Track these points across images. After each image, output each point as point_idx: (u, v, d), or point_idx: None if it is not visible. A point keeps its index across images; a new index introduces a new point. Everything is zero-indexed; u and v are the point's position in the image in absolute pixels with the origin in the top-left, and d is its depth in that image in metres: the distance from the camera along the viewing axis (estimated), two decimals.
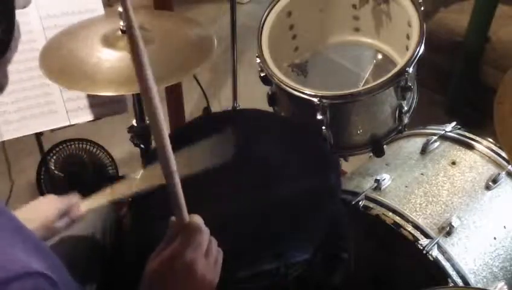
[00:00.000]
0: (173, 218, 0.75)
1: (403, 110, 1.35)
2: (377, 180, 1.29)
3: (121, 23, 1.24)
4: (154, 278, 0.73)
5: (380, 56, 1.58)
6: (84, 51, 1.22)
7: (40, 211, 0.97)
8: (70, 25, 1.35)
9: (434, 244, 1.16)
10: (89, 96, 1.43)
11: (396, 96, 1.33)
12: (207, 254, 0.74)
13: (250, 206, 1.06)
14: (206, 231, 0.75)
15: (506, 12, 2.25)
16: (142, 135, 1.50)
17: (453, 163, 1.36)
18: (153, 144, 1.49)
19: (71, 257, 1.08)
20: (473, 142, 1.40)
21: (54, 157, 1.79)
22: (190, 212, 0.75)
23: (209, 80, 2.64)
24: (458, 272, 1.15)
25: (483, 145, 1.39)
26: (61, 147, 1.79)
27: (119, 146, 1.95)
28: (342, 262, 1.08)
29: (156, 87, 0.70)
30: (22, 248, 0.60)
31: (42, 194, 1.78)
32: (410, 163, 1.39)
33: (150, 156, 1.45)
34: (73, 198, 1.01)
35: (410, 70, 1.27)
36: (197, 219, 0.75)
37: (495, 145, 1.38)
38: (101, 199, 1.03)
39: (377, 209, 1.24)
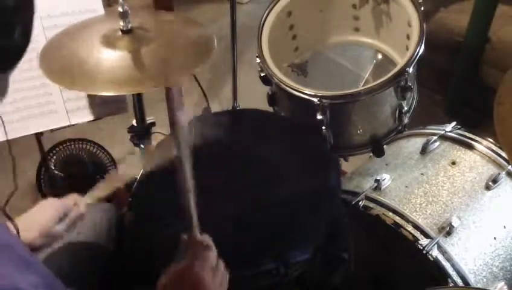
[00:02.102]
0: (184, 236, 0.82)
1: (403, 110, 1.35)
2: (377, 180, 1.29)
3: (121, 23, 1.24)
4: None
5: (380, 56, 1.58)
6: (84, 51, 1.22)
7: (37, 219, 0.96)
8: (70, 25, 1.35)
9: (434, 244, 1.16)
10: (89, 96, 1.43)
11: (396, 96, 1.33)
12: (214, 270, 0.80)
13: (250, 206, 1.06)
14: (214, 249, 0.82)
15: (506, 12, 2.25)
16: (142, 134, 1.50)
17: (453, 163, 1.36)
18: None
19: (72, 257, 1.08)
20: (473, 142, 1.40)
21: (54, 157, 1.79)
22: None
23: (209, 80, 2.64)
24: (458, 272, 1.15)
25: (483, 145, 1.39)
26: (61, 147, 1.79)
27: (119, 146, 1.95)
28: (342, 262, 1.08)
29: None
30: (10, 264, 0.60)
31: (42, 194, 1.78)
32: (410, 163, 1.39)
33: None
34: (71, 199, 1.01)
35: (410, 70, 1.27)
36: (207, 238, 0.82)
37: (495, 145, 1.38)
38: (97, 193, 1.02)
39: (377, 209, 1.24)
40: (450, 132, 1.45)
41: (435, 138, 1.42)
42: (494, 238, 1.24)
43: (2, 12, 0.59)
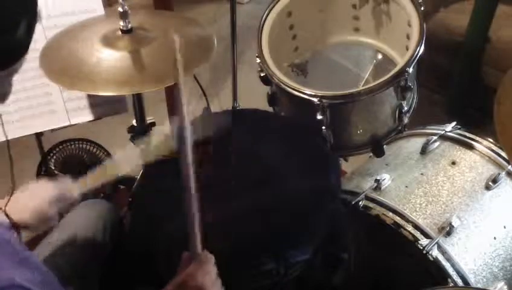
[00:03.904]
0: (185, 253, 0.84)
1: (403, 110, 1.35)
2: (377, 180, 1.29)
3: (121, 23, 1.24)
4: None
5: (380, 56, 1.58)
6: (84, 51, 1.22)
7: (31, 199, 0.96)
8: (70, 25, 1.35)
9: (434, 244, 1.16)
10: (89, 96, 1.43)
11: (396, 96, 1.33)
12: (215, 283, 0.83)
13: (250, 206, 1.06)
14: (215, 265, 0.84)
15: (506, 12, 2.25)
16: (142, 135, 1.49)
17: (453, 163, 1.36)
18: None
19: (72, 257, 1.08)
20: (473, 142, 1.40)
21: (54, 157, 1.79)
22: None
23: (209, 80, 2.64)
24: (458, 272, 1.15)
25: (483, 145, 1.39)
26: (61, 147, 1.79)
27: (119, 146, 1.94)
28: (342, 262, 1.08)
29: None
30: (7, 261, 0.61)
31: None
32: (410, 163, 1.39)
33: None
34: (65, 183, 1.00)
35: (410, 70, 1.27)
36: (208, 253, 0.85)
37: (495, 145, 1.38)
38: (90, 181, 1.02)
39: (377, 209, 1.24)
40: (450, 132, 1.45)
41: (435, 138, 1.42)
42: (494, 238, 1.24)
43: (7, 7, 0.59)
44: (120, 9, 1.22)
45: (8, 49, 0.63)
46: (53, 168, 1.78)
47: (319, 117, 1.28)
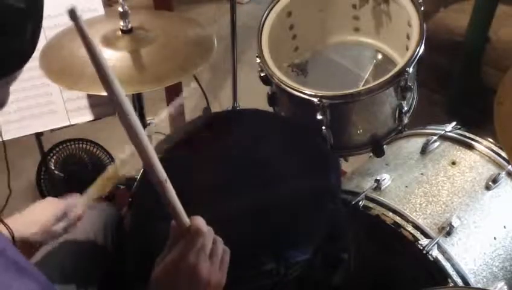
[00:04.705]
0: (173, 223, 0.73)
1: (403, 110, 1.35)
2: (377, 180, 1.29)
3: (121, 23, 1.24)
4: (159, 285, 0.73)
5: (380, 56, 1.58)
6: (84, 51, 1.22)
7: (38, 215, 0.97)
8: (70, 25, 1.35)
9: (434, 245, 1.16)
10: (89, 96, 1.43)
11: (396, 96, 1.33)
12: (211, 255, 0.74)
13: (250, 206, 1.06)
14: (208, 232, 0.74)
15: (506, 12, 2.25)
16: None
17: (453, 163, 1.36)
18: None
19: (72, 257, 1.08)
20: (473, 142, 1.40)
21: (54, 157, 1.79)
22: (190, 213, 0.74)
23: (209, 80, 2.64)
24: (458, 272, 1.15)
25: (483, 145, 1.39)
26: (61, 147, 1.79)
27: (119, 146, 1.94)
28: (342, 262, 1.08)
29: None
30: (3, 270, 0.60)
31: (42, 194, 1.78)
32: (410, 163, 1.39)
33: None
34: (71, 200, 1.01)
35: (410, 70, 1.26)
36: (198, 222, 0.73)
37: (495, 145, 1.38)
38: (95, 192, 1.02)
39: (377, 209, 1.24)
40: (450, 131, 1.45)
41: (435, 138, 1.42)
42: (494, 238, 1.24)
43: (14, 13, 0.59)
44: (120, 9, 1.22)
45: (16, 52, 0.63)
46: (53, 168, 1.79)
47: (319, 117, 1.28)
